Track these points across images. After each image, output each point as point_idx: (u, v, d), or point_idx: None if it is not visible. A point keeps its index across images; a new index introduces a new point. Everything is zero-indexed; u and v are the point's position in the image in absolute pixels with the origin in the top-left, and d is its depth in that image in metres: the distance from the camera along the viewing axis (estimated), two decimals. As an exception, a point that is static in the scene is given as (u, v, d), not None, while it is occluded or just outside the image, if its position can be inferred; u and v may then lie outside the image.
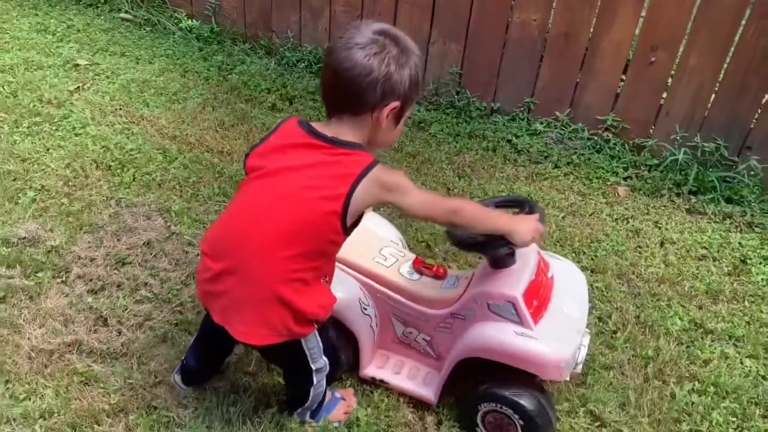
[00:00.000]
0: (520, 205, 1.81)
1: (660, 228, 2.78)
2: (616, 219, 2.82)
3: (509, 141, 3.26)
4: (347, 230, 1.53)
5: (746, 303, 2.42)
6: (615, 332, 2.23)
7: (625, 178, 3.07)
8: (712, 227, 2.80)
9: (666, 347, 2.18)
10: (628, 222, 2.81)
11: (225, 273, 1.54)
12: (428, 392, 1.89)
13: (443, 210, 1.58)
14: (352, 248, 1.81)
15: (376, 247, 1.96)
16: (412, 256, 1.97)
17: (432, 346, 1.90)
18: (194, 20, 4.13)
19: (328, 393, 1.86)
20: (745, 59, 2.86)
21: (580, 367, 1.81)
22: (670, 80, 3.07)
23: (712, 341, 2.25)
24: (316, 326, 1.63)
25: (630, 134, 3.20)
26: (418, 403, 1.93)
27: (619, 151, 3.19)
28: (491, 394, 1.75)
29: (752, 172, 2.98)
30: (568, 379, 1.75)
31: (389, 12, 3.50)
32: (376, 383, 1.95)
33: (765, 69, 2.84)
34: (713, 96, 2.99)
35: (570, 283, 1.89)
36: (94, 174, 2.76)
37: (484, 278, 1.77)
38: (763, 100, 2.92)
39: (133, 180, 2.75)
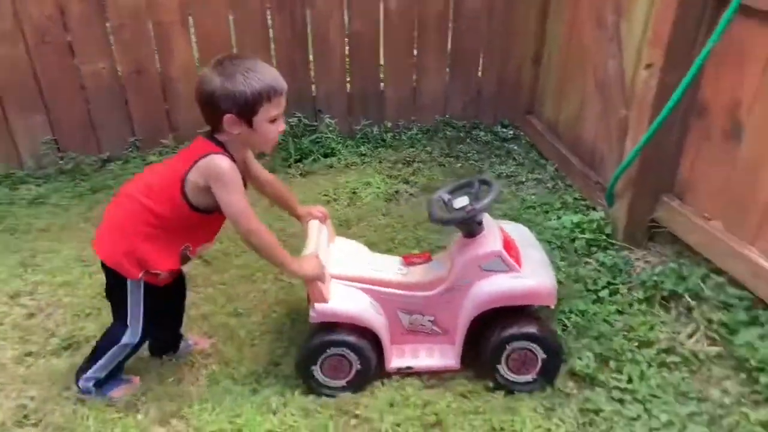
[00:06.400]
0: (469, 184, 2.15)
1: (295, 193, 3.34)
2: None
3: (133, 181, 3.44)
4: (190, 203, 1.86)
5: (367, 221, 3.11)
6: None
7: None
8: (313, 181, 3.46)
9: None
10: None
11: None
12: (449, 361, 2.14)
13: (246, 225, 1.86)
14: (347, 266, 2.14)
15: (363, 260, 2.22)
16: (394, 257, 2.28)
17: (437, 324, 2.16)
18: None
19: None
20: (281, 46, 3.56)
21: None
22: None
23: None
24: (141, 276, 1.91)
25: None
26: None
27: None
28: (519, 335, 2.02)
29: (331, 128, 3.74)
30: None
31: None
32: (402, 372, 2.14)
33: (298, 51, 3.58)
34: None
35: (521, 236, 2.27)
36: None
37: (465, 249, 2.07)
38: (312, 73, 3.68)
39: None
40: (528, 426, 1.94)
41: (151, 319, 2.01)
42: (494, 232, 2.10)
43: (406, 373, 2.15)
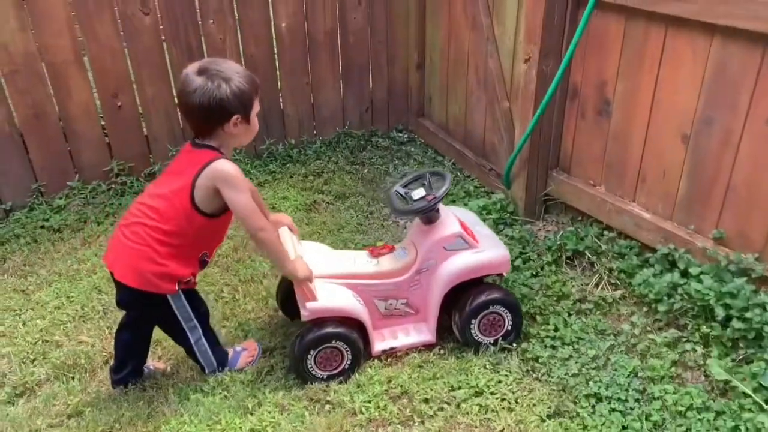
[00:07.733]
0: (420, 177, 2.39)
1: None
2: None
3: (43, 227, 3.36)
4: (199, 210, 1.97)
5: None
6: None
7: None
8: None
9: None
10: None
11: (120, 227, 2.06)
12: (425, 337, 2.38)
13: (255, 223, 2.00)
14: (323, 265, 2.29)
15: (334, 259, 2.39)
16: (360, 251, 2.46)
17: (410, 305, 2.40)
18: None
19: (231, 350, 2.36)
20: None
21: None
22: (142, 116, 3.66)
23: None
24: (177, 287, 2.04)
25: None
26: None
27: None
28: (489, 301, 2.29)
29: (237, 150, 3.85)
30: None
31: None
32: (387, 354, 2.35)
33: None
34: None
35: (468, 217, 2.54)
36: None
37: (427, 234, 2.32)
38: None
39: None
40: (482, 380, 2.20)
41: (199, 312, 2.19)
42: (450, 216, 2.36)
43: (389, 354, 2.36)
